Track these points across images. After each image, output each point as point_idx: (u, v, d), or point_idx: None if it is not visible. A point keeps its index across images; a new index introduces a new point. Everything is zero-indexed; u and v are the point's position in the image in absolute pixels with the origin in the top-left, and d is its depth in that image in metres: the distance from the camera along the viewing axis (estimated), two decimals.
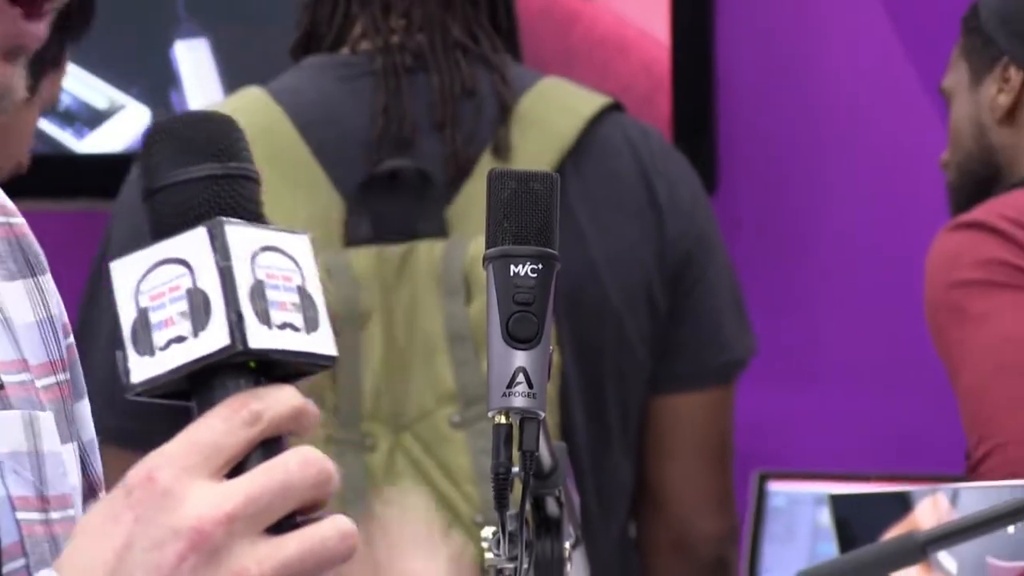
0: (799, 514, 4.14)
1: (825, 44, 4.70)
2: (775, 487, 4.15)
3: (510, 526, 1.98)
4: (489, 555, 2.01)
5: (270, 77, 3.23)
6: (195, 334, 1.34)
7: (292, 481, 1.34)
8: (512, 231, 1.92)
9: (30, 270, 1.69)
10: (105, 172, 4.04)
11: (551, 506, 2.07)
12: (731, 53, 4.62)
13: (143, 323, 1.36)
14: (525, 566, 2.00)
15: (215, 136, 1.41)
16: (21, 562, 1.57)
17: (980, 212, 3.32)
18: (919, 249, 3.38)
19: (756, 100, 4.68)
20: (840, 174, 4.66)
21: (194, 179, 1.38)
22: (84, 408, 1.74)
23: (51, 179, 4.01)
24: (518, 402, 1.90)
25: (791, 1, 4.71)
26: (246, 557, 1.32)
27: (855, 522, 2.84)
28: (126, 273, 1.37)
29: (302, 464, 1.34)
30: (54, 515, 1.62)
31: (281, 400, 1.35)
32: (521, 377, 1.93)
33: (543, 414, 1.93)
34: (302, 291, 1.38)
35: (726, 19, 4.62)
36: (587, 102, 3.11)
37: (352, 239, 3.01)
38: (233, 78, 4.67)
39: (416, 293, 2.96)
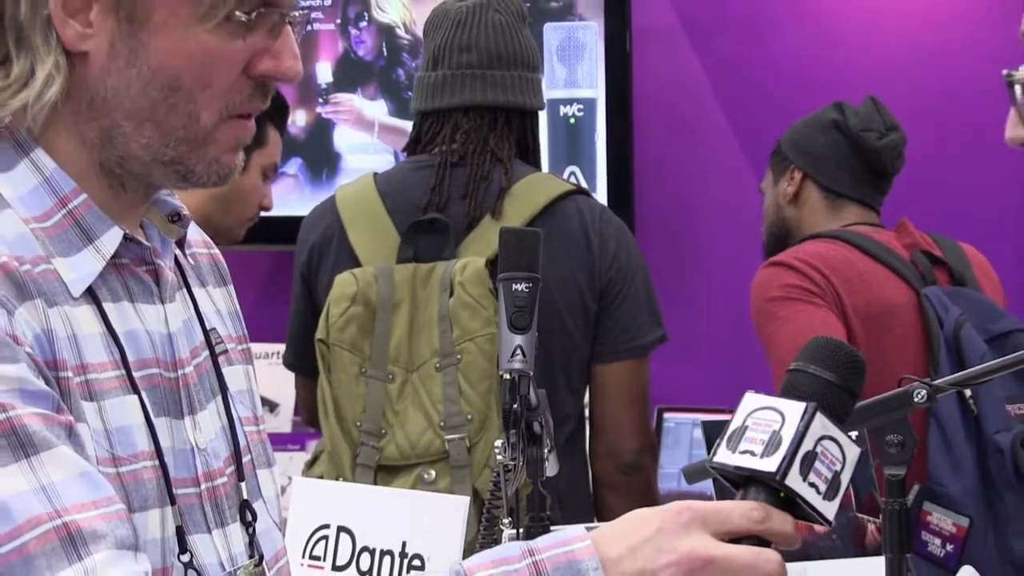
0: (682, 432, 4.09)
1: (712, 161, 4.61)
2: (668, 416, 4.11)
3: (512, 439, 2.03)
4: (499, 457, 2.06)
5: None
6: (761, 456, 1.31)
7: (756, 564, 1.28)
8: (514, 263, 2.02)
9: (223, 281, 1.65)
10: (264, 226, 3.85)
11: (536, 427, 2.06)
12: (646, 151, 4.52)
13: (741, 432, 1.32)
14: (521, 462, 2.03)
15: (844, 364, 1.37)
16: (248, 457, 1.55)
17: (781, 256, 3.30)
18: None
19: (663, 187, 4.60)
20: (713, 231, 4.59)
21: (824, 380, 1.34)
22: None
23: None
24: (517, 365, 1.96)
25: (686, 128, 4.59)
26: None
27: (717, 438, 2.78)
28: (756, 401, 1.34)
29: (766, 560, 1.29)
30: (260, 427, 1.61)
31: (783, 521, 1.31)
32: (519, 351, 2.00)
33: (531, 372, 1.98)
34: (836, 475, 1.32)
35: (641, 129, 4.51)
36: (558, 187, 2.97)
37: (399, 259, 2.90)
38: None
39: (431, 292, 2.84)
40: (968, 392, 2.99)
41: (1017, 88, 1.35)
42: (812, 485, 1.30)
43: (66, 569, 1.24)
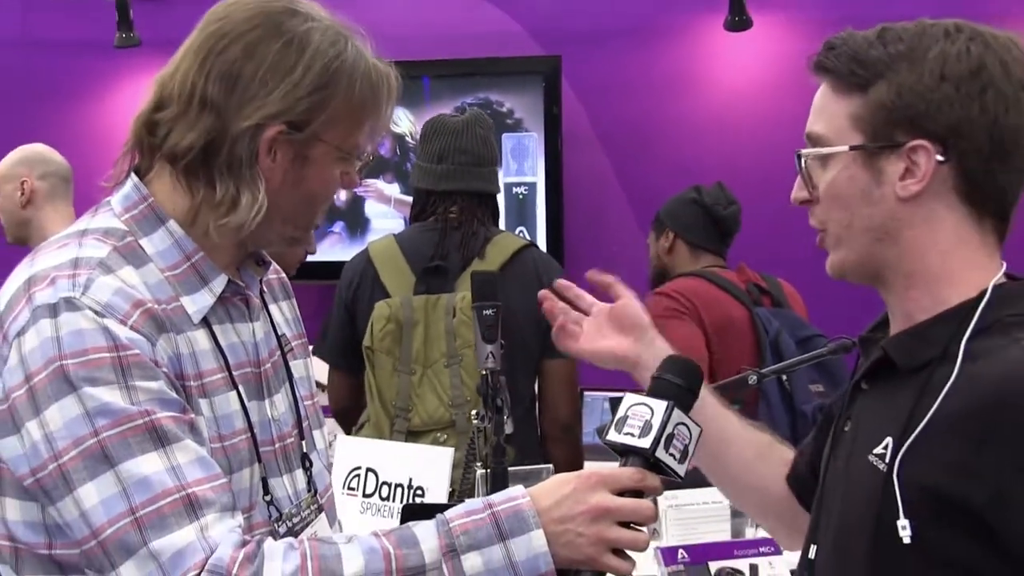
0: (596, 405, 3.73)
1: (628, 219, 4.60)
2: (587, 394, 3.63)
3: (482, 411, 2.02)
4: (475, 421, 2.04)
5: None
6: (638, 437, 1.31)
7: (639, 510, 1.31)
8: (482, 296, 1.99)
9: (288, 296, 1.60)
10: (319, 268, 3.81)
11: (499, 402, 2.04)
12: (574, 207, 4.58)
13: (624, 419, 1.32)
14: (490, 425, 2.01)
15: (687, 374, 1.35)
16: (307, 423, 1.53)
17: (661, 288, 3.20)
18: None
19: (584, 242, 4.55)
20: (617, 271, 4.36)
21: (677, 384, 1.34)
22: None
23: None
24: (490, 365, 1.95)
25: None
26: (604, 529, 1.30)
27: (608, 422, 2.65)
28: (633, 399, 1.32)
29: (646, 508, 1.31)
30: (315, 400, 1.58)
31: (653, 479, 1.32)
32: (490, 355, 1.97)
33: (499, 368, 1.97)
34: (686, 447, 1.32)
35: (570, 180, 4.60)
36: (518, 242, 2.90)
37: (416, 292, 2.82)
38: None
39: (439, 314, 2.79)
40: (784, 377, 2.99)
41: (802, 161, 1.38)
42: (671, 455, 1.32)
43: (187, 526, 1.25)
